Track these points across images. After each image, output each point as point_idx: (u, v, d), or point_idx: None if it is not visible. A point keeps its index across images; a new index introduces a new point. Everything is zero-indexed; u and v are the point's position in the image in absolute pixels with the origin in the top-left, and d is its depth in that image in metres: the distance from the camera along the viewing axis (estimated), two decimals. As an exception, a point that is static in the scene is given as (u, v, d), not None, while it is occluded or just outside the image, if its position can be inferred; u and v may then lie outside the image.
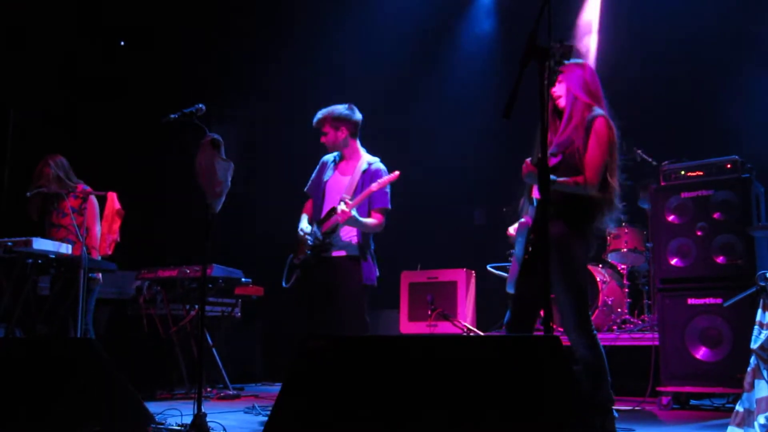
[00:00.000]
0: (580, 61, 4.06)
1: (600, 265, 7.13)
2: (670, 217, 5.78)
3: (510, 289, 4.06)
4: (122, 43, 8.80)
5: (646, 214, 6.70)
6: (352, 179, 4.88)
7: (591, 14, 8.33)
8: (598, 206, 3.83)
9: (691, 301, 5.57)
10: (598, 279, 6.80)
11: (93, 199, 5.89)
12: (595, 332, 3.84)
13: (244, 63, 8.76)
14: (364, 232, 4.85)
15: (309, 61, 8.77)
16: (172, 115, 4.21)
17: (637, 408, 5.58)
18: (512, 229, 4.25)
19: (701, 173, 5.78)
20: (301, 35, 8.85)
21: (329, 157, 5.14)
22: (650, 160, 6.64)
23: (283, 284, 4.92)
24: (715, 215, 5.59)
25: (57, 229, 5.85)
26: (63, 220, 5.83)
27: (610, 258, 7.13)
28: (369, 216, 4.83)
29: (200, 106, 4.22)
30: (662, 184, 5.93)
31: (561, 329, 3.98)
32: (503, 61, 8.83)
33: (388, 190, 4.88)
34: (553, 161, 3.80)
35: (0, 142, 7.17)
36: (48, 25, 7.80)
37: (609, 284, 6.91)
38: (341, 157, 5.07)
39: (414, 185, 8.89)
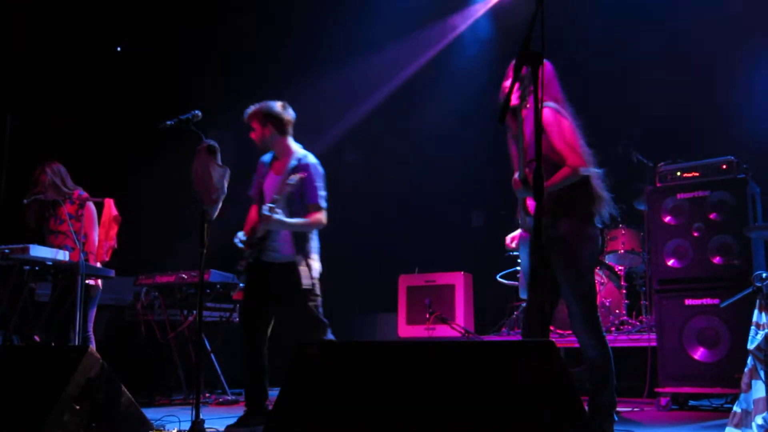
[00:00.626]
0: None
1: (597, 267, 7.13)
2: (667, 218, 5.78)
3: (523, 295, 4.15)
4: (118, 49, 8.80)
5: (643, 216, 6.71)
6: (283, 178, 4.70)
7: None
8: (588, 201, 3.83)
9: (688, 301, 5.58)
10: (595, 280, 6.80)
11: (90, 205, 5.89)
12: (604, 334, 3.86)
13: (241, 69, 8.77)
14: (297, 233, 4.71)
15: (307, 66, 8.77)
16: (169, 122, 4.20)
17: (635, 409, 5.58)
18: (509, 239, 4.28)
19: (697, 174, 5.78)
20: (300, 40, 8.85)
21: (266, 157, 5.00)
22: (646, 161, 6.66)
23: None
24: (712, 216, 5.59)
25: (55, 235, 5.85)
26: (60, 227, 5.83)
27: (608, 259, 7.15)
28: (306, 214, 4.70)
29: (196, 112, 4.22)
30: (658, 185, 5.93)
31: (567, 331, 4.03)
32: (502, 63, 8.83)
33: (318, 184, 4.73)
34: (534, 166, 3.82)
35: (-3, 149, 7.17)
36: (44, 30, 7.80)
37: (606, 286, 6.93)
38: (274, 157, 4.93)
39: (411, 188, 8.95)
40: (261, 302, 4.75)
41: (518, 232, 4.23)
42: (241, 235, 4.81)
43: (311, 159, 4.84)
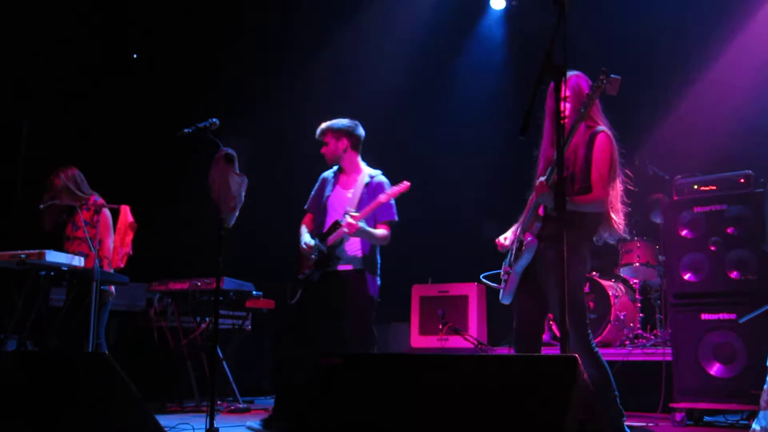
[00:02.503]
0: (575, 72, 4.05)
1: (612, 280, 7.10)
2: (683, 232, 5.75)
3: (506, 301, 4.14)
4: (135, 56, 8.83)
5: (659, 229, 6.67)
6: (355, 193, 4.89)
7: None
8: (597, 223, 3.89)
9: (704, 316, 5.53)
10: (610, 293, 6.77)
11: (106, 211, 5.90)
12: (596, 349, 3.84)
13: (257, 77, 8.79)
14: (371, 244, 4.86)
15: (320, 75, 8.79)
16: (186, 130, 4.23)
17: (650, 425, 5.54)
18: (503, 239, 4.26)
19: (714, 188, 5.75)
20: (312, 49, 8.87)
21: (329, 173, 5.14)
22: (663, 174, 6.62)
23: (290, 301, 4.91)
24: (729, 230, 5.55)
25: (71, 241, 5.86)
26: (76, 233, 5.84)
27: (623, 272, 7.11)
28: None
29: (214, 120, 4.24)
30: (675, 198, 5.90)
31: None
32: (515, 75, 8.84)
33: (393, 202, 4.89)
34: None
35: (13, 155, 7.20)
36: (61, 37, 7.84)
37: (621, 299, 6.88)
38: (341, 171, 5.07)
39: (425, 198, 8.92)
40: (319, 312, 4.81)
41: (511, 232, 4.23)
42: (311, 242, 4.84)
43: (383, 178, 5.02)
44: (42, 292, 5.65)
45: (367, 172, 5.01)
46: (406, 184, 4.74)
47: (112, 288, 5.90)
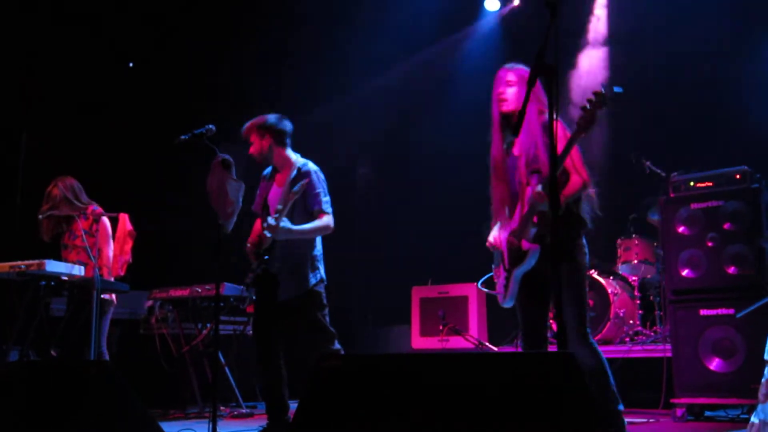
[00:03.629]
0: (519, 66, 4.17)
1: (611, 277, 7.11)
2: (680, 229, 5.76)
3: (508, 305, 4.18)
4: (131, 65, 8.85)
5: (656, 226, 6.70)
6: (284, 189, 4.72)
7: (599, 27, 8.37)
8: (583, 209, 4.00)
9: (703, 312, 5.55)
10: (609, 291, 6.79)
11: (105, 220, 5.92)
12: (593, 340, 3.94)
13: (253, 83, 8.81)
14: (301, 240, 4.72)
15: (318, 78, 8.81)
16: (183, 136, 4.24)
17: (651, 420, 5.56)
18: (493, 239, 4.28)
19: (710, 184, 5.77)
20: (309, 52, 8.89)
21: (267, 172, 5.03)
22: (659, 171, 6.64)
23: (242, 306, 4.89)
24: (726, 226, 5.57)
25: (69, 250, 5.88)
26: (75, 242, 5.86)
27: (621, 270, 7.13)
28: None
29: (210, 126, 4.26)
30: (671, 195, 5.92)
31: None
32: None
33: (320, 190, 4.75)
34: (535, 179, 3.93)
35: (12, 165, 7.22)
36: (59, 48, 7.87)
37: (620, 296, 6.90)
38: (275, 170, 4.94)
39: (423, 200, 8.95)
40: (272, 313, 4.77)
41: (497, 230, 4.25)
42: (249, 247, 4.83)
43: (312, 166, 4.85)
44: (42, 302, 5.66)
45: (296, 165, 4.82)
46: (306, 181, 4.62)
47: (113, 296, 5.92)
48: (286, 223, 4.54)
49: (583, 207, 4.00)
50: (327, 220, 4.72)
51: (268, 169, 5.02)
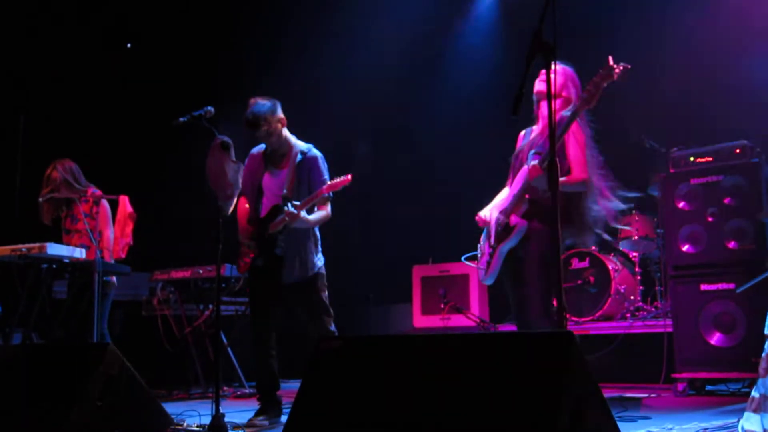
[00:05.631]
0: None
1: (611, 254, 7.13)
2: (680, 204, 5.76)
3: (488, 281, 4.37)
4: (129, 46, 8.82)
5: (656, 202, 6.69)
6: (289, 173, 4.78)
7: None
8: (577, 207, 4.05)
9: (703, 287, 5.56)
10: (609, 267, 6.80)
11: (105, 202, 5.93)
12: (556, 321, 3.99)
13: (251, 63, 8.78)
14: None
15: (316, 58, 8.78)
16: (182, 118, 4.23)
17: (652, 395, 5.59)
18: (484, 215, 4.33)
19: (710, 159, 5.76)
20: (308, 33, 8.86)
21: (257, 150, 5.02)
22: (658, 147, 6.63)
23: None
24: (726, 200, 5.57)
25: (71, 234, 5.90)
26: (76, 225, 5.88)
27: (622, 246, 7.14)
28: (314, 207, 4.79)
29: (209, 108, 4.24)
30: (671, 171, 5.91)
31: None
32: (509, 52, 8.82)
33: (326, 177, 4.80)
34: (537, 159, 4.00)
35: (11, 148, 7.21)
36: (55, 29, 7.84)
37: (621, 272, 6.91)
38: (271, 150, 4.93)
39: (423, 179, 8.94)
40: (273, 295, 4.81)
41: (489, 210, 4.35)
42: (246, 242, 4.88)
43: (316, 151, 4.90)
44: (44, 285, 5.69)
45: (298, 149, 4.86)
46: (347, 177, 4.62)
47: (114, 279, 5.93)
48: (305, 213, 4.65)
49: (589, 213, 4.05)
50: (327, 209, 4.83)
51: (259, 148, 5.00)
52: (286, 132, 4.90)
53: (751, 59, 7.09)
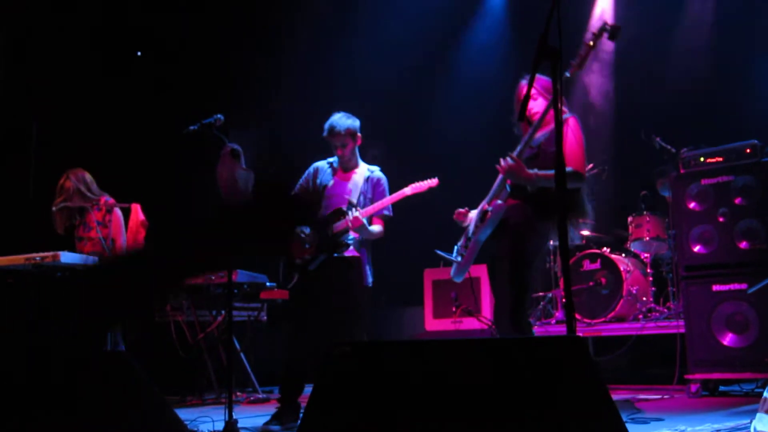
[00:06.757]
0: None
1: (623, 255, 7.12)
2: (691, 204, 5.76)
3: (457, 279, 4.29)
4: (138, 54, 8.87)
5: (667, 202, 6.68)
6: (356, 185, 4.97)
7: (605, 5, 8.32)
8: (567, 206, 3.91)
9: (715, 287, 5.55)
10: (621, 268, 6.80)
11: (117, 210, 5.98)
12: (526, 327, 3.86)
13: (260, 72, 8.81)
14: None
15: (324, 64, 8.80)
16: (192, 127, 4.27)
17: (665, 396, 5.58)
18: (464, 210, 4.29)
19: (721, 159, 5.75)
20: (317, 38, 8.88)
21: (322, 164, 5.18)
22: (669, 147, 6.62)
23: (287, 286, 4.98)
24: (736, 200, 5.56)
25: (84, 242, 5.94)
26: (89, 234, 5.92)
27: (633, 247, 7.12)
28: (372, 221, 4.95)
29: (219, 116, 4.28)
30: (682, 171, 5.91)
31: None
32: (519, 54, 8.84)
33: (387, 196, 4.98)
34: (528, 153, 4.02)
35: (24, 156, 7.26)
36: (67, 38, 7.89)
37: (633, 273, 6.90)
38: (339, 164, 5.12)
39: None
40: (317, 298, 4.87)
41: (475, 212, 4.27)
42: (304, 228, 4.94)
43: (382, 174, 5.12)
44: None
45: (365, 167, 5.10)
46: (434, 180, 4.83)
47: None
48: (366, 221, 4.83)
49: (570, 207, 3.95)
50: (383, 228, 5.02)
51: (325, 162, 5.16)
52: (357, 151, 5.10)
53: (762, 58, 7.07)
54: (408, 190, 4.82)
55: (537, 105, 4.09)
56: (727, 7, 7.21)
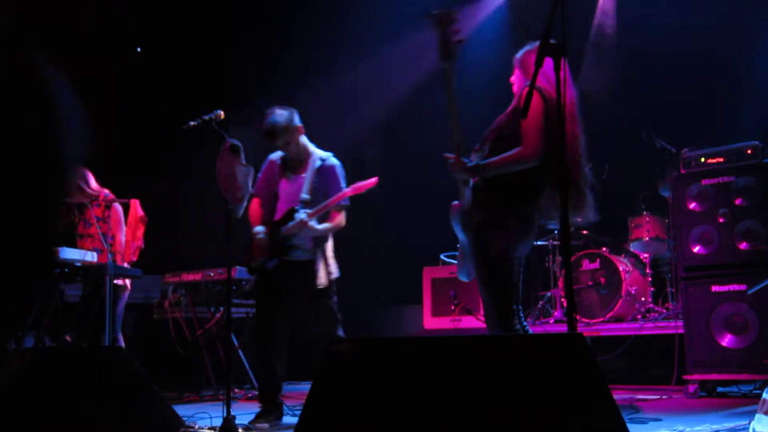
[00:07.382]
0: (531, 47, 4.01)
1: (622, 255, 7.12)
2: (692, 205, 5.75)
3: (462, 278, 3.98)
4: (138, 50, 8.85)
5: (667, 202, 6.68)
6: (306, 178, 4.82)
7: (607, 4, 8.31)
8: (534, 189, 3.62)
9: (715, 288, 5.54)
10: (620, 269, 6.80)
11: (117, 206, 5.97)
12: (519, 328, 3.55)
13: (260, 67, 8.80)
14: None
15: (325, 61, 8.79)
16: (192, 122, 4.25)
17: (663, 397, 5.57)
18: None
19: (721, 160, 5.74)
20: (317, 33, 8.87)
21: (276, 156, 5.04)
22: (670, 147, 6.61)
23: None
24: (737, 201, 5.55)
25: (84, 239, 5.93)
26: (89, 230, 5.91)
27: (633, 247, 7.12)
28: (329, 214, 4.82)
29: (219, 111, 4.26)
30: (682, 171, 5.90)
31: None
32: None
33: (343, 185, 4.83)
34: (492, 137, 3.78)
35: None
36: (64, 33, 7.86)
37: (632, 273, 6.90)
38: (290, 157, 4.96)
39: (432, 181, 8.93)
40: (278, 298, 4.83)
41: None
42: (261, 229, 4.85)
43: (335, 160, 4.94)
44: (57, 289, 5.72)
45: (317, 156, 4.91)
46: (374, 180, 4.67)
47: (127, 282, 5.96)
48: (314, 223, 4.69)
49: (532, 192, 3.61)
50: (341, 218, 4.85)
51: (278, 154, 5.02)
52: (304, 139, 4.94)
53: (765, 59, 7.07)
54: (349, 190, 4.71)
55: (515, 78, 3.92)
56: (728, 8, 7.19)
